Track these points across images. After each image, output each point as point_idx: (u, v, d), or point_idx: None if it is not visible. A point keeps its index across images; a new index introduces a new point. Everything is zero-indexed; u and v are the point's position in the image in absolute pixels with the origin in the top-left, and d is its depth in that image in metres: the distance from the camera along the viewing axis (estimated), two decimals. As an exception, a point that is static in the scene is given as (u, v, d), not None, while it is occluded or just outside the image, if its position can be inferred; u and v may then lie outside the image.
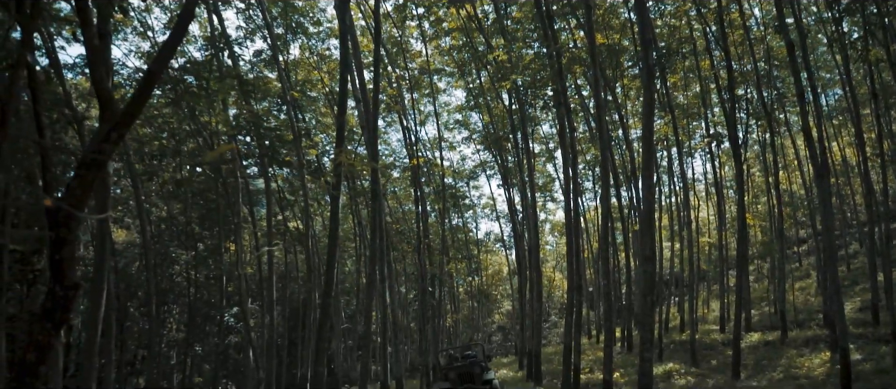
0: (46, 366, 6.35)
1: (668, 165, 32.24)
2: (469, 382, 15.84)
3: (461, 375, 15.98)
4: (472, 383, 15.84)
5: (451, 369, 16.41)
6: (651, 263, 9.14)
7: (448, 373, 16.32)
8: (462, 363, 17.02)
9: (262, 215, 36.12)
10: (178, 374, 34.46)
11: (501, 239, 45.01)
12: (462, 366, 16.41)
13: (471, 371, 16.10)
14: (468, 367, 16.28)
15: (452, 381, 15.95)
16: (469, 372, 16.08)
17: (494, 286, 57.87)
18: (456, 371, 16.19)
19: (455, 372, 16.12)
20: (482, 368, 16.36)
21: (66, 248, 6.57)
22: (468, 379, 15.92)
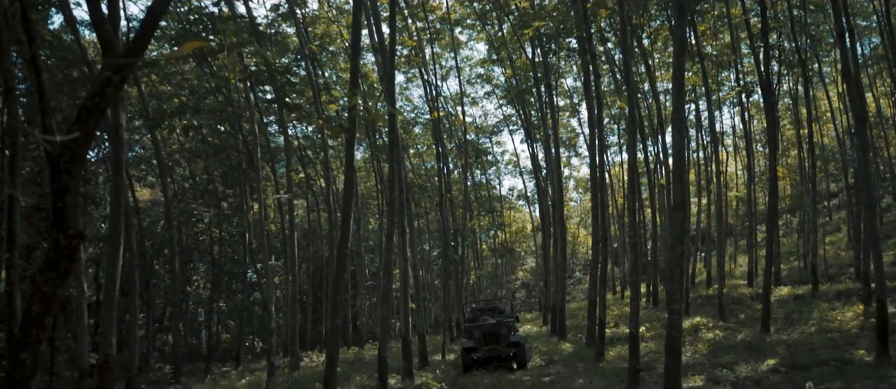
0: (53, 317, 6.17)
1: (696, 118, 31.38)
2: (494, 343, 14.93)
3: (486, 335, 15.06)
4: (498, 344, 14.92)
5: (475, 326, 15.49)
6: (681, 211, 8.70)
7: (472, 331, 15.39)
8: (488, 320, 15.96)
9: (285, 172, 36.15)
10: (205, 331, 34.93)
11: (525, 195, 44.56)
12: (488, 325, 15.43)
13: (497, 330, 15.16)
14: (494, 327, 15.31)
15: (476, 340, 15.07)
16: (494, 332, 15.13)
17: (518, 243, 57.65)
18: (481, 329, 15.25)
19: (480, 331, 15.19)
20: (509, 328, 15.37)
21: (69, 195, 6.33)
22: (493, 340, 14.99)
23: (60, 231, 6.29)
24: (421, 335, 16.30)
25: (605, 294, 15.53)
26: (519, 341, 15.16)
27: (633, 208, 11.98)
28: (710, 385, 10.89)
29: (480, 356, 14.82)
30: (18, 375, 6.02)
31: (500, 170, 47.63)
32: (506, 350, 14.91)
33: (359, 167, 37.34)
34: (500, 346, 14.86)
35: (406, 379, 13.81)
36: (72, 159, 6.40)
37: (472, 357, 14.88)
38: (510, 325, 15.59)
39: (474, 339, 15.11)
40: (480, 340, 14.95)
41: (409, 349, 14.04)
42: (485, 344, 14.89)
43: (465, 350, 15.14)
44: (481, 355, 14.79)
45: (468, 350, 15.05)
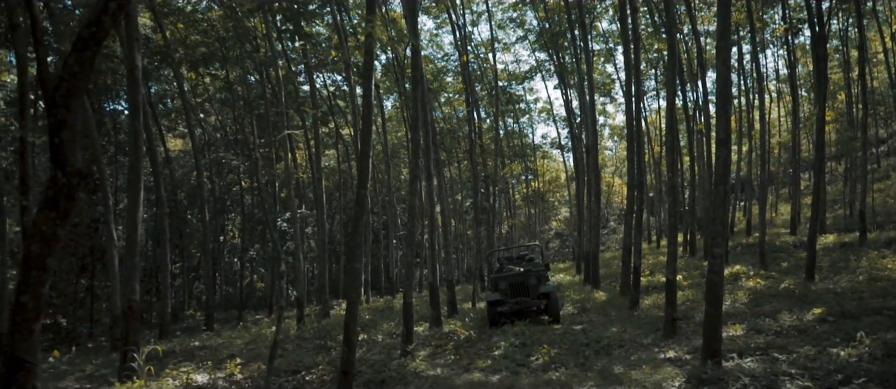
0: (54, 258, 5.89)
1: (738, 62, 30.04)
2: (523, 295, 13.52)
3: (513, 286, 13.56)
4: (527, 296, 13.50)
5: (502, 277, 13.87)
6: (726, 147, 8.03)
7: (498, 282, 13.81)
8: (516, 270, 14.29)
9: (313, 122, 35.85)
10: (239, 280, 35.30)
11: (559, 144, 43.59)
12: (516, 275, 13.79)
13: (525, 281, 13.58)
14: (523, 277, 13.66)
15: (503, 292, 13.60)
16: (523, 283, 13.58)
17: (551, 192, 56.95)
18: (508, 280, 13.67)
19: (506, 282, 13.64)
20: (539, 278, 13.73)
21: (66, 130, 5.98)
22: (521, 291, 13.53)
23: (58, 168, 5.95)
24: (449, 283, 15.96)
25: (641, 242, 14.89)
26: (550, 292, 13.59)
27: (672, 145, 11.28)
28: (752, 334, 10.34)
29: (508, 309, 13.44)
30: (20, 318, 5.77)
31: (533, 118, 46.66)
32: (536, 302, 13.48)
33: (389, 116, 36.89)
34: (530, 298, 13.47)
35: (434, 327, 13.52)
36: (68, 92, 6.03)
37: (499, 311, 13.51)
38: (541, 275, 13.89)
39: (501, 291, 13.68)
40: (507, 292, 13.55)
41: (436, 296, 13.68)
42: (512, 296, 13.51)
43: (491, 302, 13.67)
44: (508, 308, 13.43)
45: (494, 303, 13.62)
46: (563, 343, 11.03)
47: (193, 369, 10.87)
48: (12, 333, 5.77)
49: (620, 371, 8.97)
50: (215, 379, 10.17)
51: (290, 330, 15.28)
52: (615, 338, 11.22)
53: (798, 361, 8.02)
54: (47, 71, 6.37)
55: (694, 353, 9.50)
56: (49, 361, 13.81)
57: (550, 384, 8.51)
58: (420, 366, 9.96)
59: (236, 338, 15.11)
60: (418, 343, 12.12)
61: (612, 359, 9.81)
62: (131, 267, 11.08)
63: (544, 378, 8.90)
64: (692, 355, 9.46)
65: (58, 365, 13.32)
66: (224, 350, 13.17)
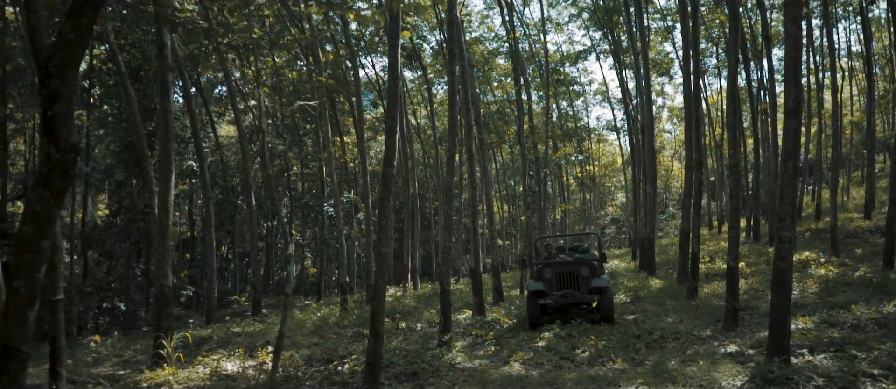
0: (49, 240, 5.50)
1: (807, 38, 28.19)
2: (571, 287, 11.61)
3: (561, 277, 11.68)
4: (575, 288, 11.60)
5: (547, 266, 11.90)
6: (795, 118, 7.10)
7: (543, 271, 11.83)
8: (564, 259, 12.56)
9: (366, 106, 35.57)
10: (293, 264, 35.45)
11: (614, 126, 42.14)
12: (563, 264, 11.90)
13: (575, 272, 11.64)
14: (572, 266, 11.73)
15: (547, 283, 11.70)
16: (572, 274, 11.65)
17: (608, 177, 55.48)
18: (555, 269, 11.76)
19: (553, 271, 11.72)
20: (592, 269, 11.71)
21: (60, 103, 5.54)
22: (569, 283, 11.62)
23: (52, 143, 5.49)
24: (495, 270, 15.28)
25: (699, 227, 13.86)
26: (604, 286, 11.55)
27: (734, 121, 10.26)
28: (824, 327, 9.34)
29: (552, 303, 11.62)
30: (13, 304, 5.39)
31: (588, 101, 45.30)
32: (586, 297, 11.61)
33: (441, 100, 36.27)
34: (579, 291, 11.58)
35: (477, 315, 12.89)
36: (63, 61, 5.57)
37: (541, 304, 11.64)
38: (594, 265, 11.86)
39: (545, 281, 11.71)
40: (553, 283, 11.65)
41: (479, 283, 12.99)
42: (558, 289, 11.63)
43: (533, 294, 11.69)
44: (553, 302, 11.58)
45: (536, 295, 11.67)
46: (613, 334, 10.24)
47: (225, 356, 10.54)
48: (5, 320, 5.41)
49: (675, 366, 8.16)
50: (245, 368, 9.80)
51: (330, 317, 14.89)
52: (670, 330, 10.36)
53: (880, 359, 7.07)
54: (40, 39, 5.96)
55: (758, 348, 8.60)
56: (90, 346, 13.79)
57: (596, 380, 7.77)
58: (456, 357, 9.35)
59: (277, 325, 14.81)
60: (458, 333, 11.51)
61: (666, 353, 8.98)
62: (163, 252, 10.81)
63: (589, 373, 8.16)
64: (756, 350, 8.57)
65: (99, 350, 13.26)
66: (262, 336, 12.86)
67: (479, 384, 7.92)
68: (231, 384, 9.08)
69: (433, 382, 8.23)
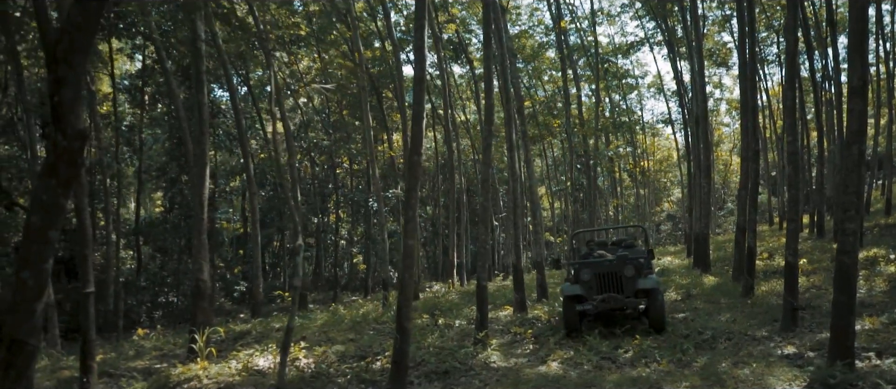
0: (57, 231, 5.34)
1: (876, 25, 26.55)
2: (613, 290, 10.07)
3: (601, 278, 10.15)
4: (619, 291, 10.06)
5: (586, 265, 10.45)
6: (861, 98, 6.43)
7: (581, 271, 10.33)
8: (605, 257, 11.06)
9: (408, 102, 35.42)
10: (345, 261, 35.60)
11: (669, 119, 40.75)
12: (605, 263, 10.45)
13: (618, 271, 10.11)
14: (615, 266, 10.24)
15: (586, 285, 10.18)
16: (615, 274, 10.12)
17: (663, 172, 53.96)
18: (594, 269, 10.25)
19: (592, 272, 10.19)
20: (638, 268, 10.20)
21: (67, 89, 5.37)
22: (611, 285, 10.09)
23: (58, 131, 5.31)
24: (538, 266, 14.73)
25: (755, 220, 13.03)
26: (653, 288, 9.96)
27: (792, 104, 9.47)
28: (894, 329, 8.56)
29: (591, 309, 10.07)
30: (20, 297, 5.24)
31: (642, 93, 43.99)
32: (631, 301, 9.96)
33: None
34: (623, 294, 10.03)
35: (518, 312, 12.43)
36: (70, 46, 5.38)
37: (579, 310, 10.13)
38: (640, 264, 10.37)
39: (583, 284, 10.23)
40: (592, 285, 10.16)
41: (520, 279, 12.51)
42: (598, 291, 10.12)
43: (569, 298, 10.16)
44: (592, 307, 10.02)
45: (572, 300, 10.15)
46: (659, 334, 9.65)
47: (259, 351, 10.38)
48: (12, 312, 5.27)
49: (725, 368, 7.57)
50: (276, 364, 9.60)
51: (371, 313, 14.64)
52: (722, 329, 9.71)
53: (958, 365, 6.35)
54: (48, 23, 5.82)
55: (818, 350, 7.92)
56: (132, 339, 13.90)
57: (637, 382, 7.26)
58: (491, 356, 8.94)
59: (318, 320, 14.66)
60: (496, 330, 11.09)
61: (717, 354, 8.37)
62: (198, 246, 10.74)
63: (631, 374, 7.65)
64: (816, 352, 7.89)
65: (142, 343, 13.35)
66: (300, 331, 12.68)
67: (513, 384, 7.50)
68: (260, 379, 8.90)
69: (464, 381, 7.85)
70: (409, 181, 7.10)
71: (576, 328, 10.11)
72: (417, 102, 7.12)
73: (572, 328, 10.08)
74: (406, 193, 7.15)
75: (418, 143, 7.15)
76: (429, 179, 41.06)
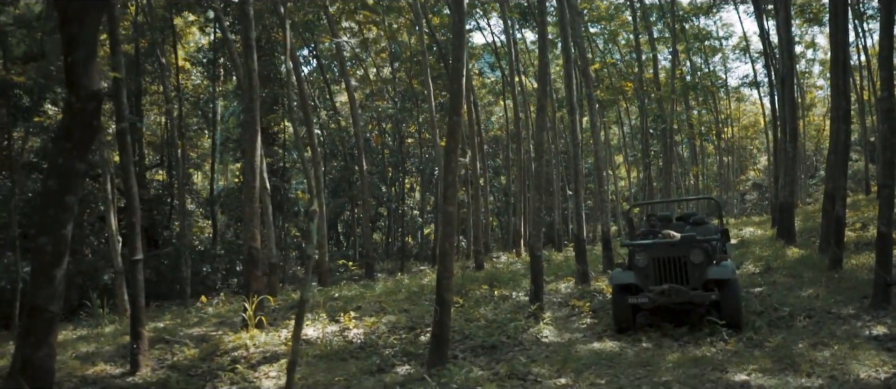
0: (75, 196, 5.19)
1: None
2: (676, 279, 8.19)
3: (661, 263, 8.30)
4: (682, 281, 8.15)
5: (643, 247, 8.54)
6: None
7: (635, 255, 8.54)
8: (668, 236, 8.94)
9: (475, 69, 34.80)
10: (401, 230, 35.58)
11: (754, 82, 38.41)
12: (666, 246, 8.45)
13: (683, 256, 8.21)
14: (677, 250, 8.30)
15: (641, 273, 8.35)
16: (678, 260, 8.23)
17: (749, 139, 51.25)
18: (651, 254, 8.38)
19: (649, 256, 8.36)
20: (709, 251, 8.31)
21: (81, 49, 5.17)
22: (674, 274, 8.23)
23: (72, 92, 5.15)
24: (605, 236, 13.99)
25: (845, 186, 11.85)
26: (727, 277, 7.96)
27: (888, 57, 8.35)
28: None
29: (646, 302, 8.11)
30: (38, 263, 5.13)
31: (726, 56, 41.63)
32: (699, 294, 8.01)
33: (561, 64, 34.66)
34: (688, 285, 8.11)
35: (580, 284, 11.83)
36: (82, 4, 5.21)
37: (632, 304, 8.21)
38: (711, 246, 8.52)
39: (638, 271, 8.40)
40: (649, 273, 8.31)
41: (582, 249, 11.87)
42: (657, 281, 8.25)
43: (619, 289, 8.39)
44: (647, 301, 8.08)
45: (623, 290, 8.36)
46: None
47: (311, 320, 10.25)
48: (32, 279, 5.17)
49: (802, 350, 6.82)
50: (325, 333, 9.44)
51: (430, 284, 14.33)
52: (802, 306, 8.84)
53: None
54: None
55: (913, 331, 7.03)
56: (196, 306, 14.14)
57: (699, 363, 6.63)
58: (543, 330, 8.45)
59: (377, 289, 14.51)
60: (555, 303, 10.58)
61: (793, 334, 7.59)
62: (250, 213, 10.64)
63: (694, 353, 7.01)
64: (910, 333, 7.01)
65: (206, 310, 13.54)
66: (356, 301, 12.53)
67: (561, 361, 7.00)
68: (306, 348, 8.74)
69: (510, 356, 7.41)
70: (449, 144, 6.64)
71: (627, 325, 8.40)
72: (456, 59, 6.62)
73: (623, 326, 8.39)
74: (445, 156, 6.70)
75: (458, 102, 6.66)
76: (502, 148, 40.40)
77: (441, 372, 6.48)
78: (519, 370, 6.59)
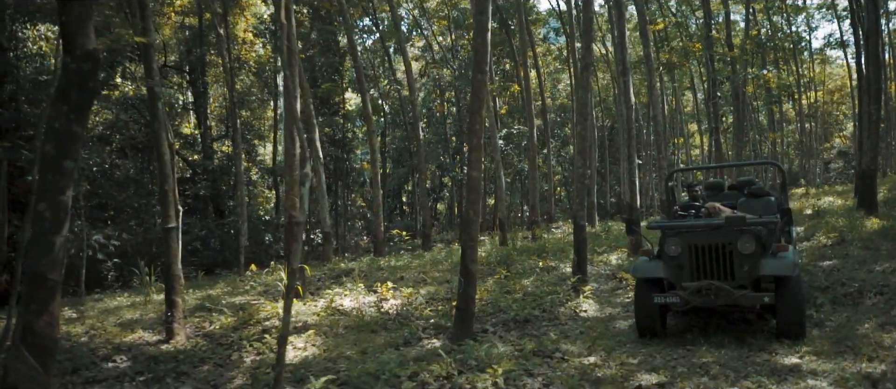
0: (73, 161, 5.05)
1: None
2: (718, 274, 6.34)
3: (698, 252, 6.42)
4: (726, 277, 6.31)
5: (678, 230, 6.64)
6: None
7: (667, 241, 6.61)
8: (715, 216, 7.00)
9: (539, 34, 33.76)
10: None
11: (841, 43, 35.86)
12: (706, 231, 6.49)
13: (728, 244, 6.32)
14: (721, 235, 6.38)
15: (672, 265, 6.52)
16: (720, 248, 6.34)
17: (835, 104, 48.18)
18: (687, 240, 6.48)
19: (683, 243, 6.47)
20: (763, 238, 6.51)
21: (75, 6, 5.00)
22: (716, 265, 6.35)
23: (67, 52, 5.01)
24: (664, 205, 13.21)
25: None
26: (786, 274, 6.12)
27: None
28: None
29: (678, 302, 6.39)
30: (38, 230, 5.03)
31: (811, 15, 39.02)
32: (747, 295, 6.18)
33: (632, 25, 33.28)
34: (734, 281, 6.28)
35: (633, 255, 11.21)
36: (77, -42, 5.04)
37: (659, 304, 6.50)
38: (766, 232, 6.70)
39: (668, 261, 6.57)
40: (683, 264, 6.46)
41: (633, 219, 11.20)
42: (694, 276, 6.42)
43: (644, 284, 6.68)
44: (680, 301, 6.37)
45: (649, 286, 6.65)
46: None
47: (347, 290, 10.08)
48: (32, 246, 5.08)
49: (867, 331, 6.12)
50: (361, 304, 9.24)
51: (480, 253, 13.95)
52: (875, 282, 7.99)
53: None
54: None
55: None
56: (246, 274, 14.27)
57: (745, 343, 6.02)
58: (582, 304, 7.96)
59: (426, 259, 14.27)
60: (602, 275, 10.04)
61: (860, 313, 6.85)
62: (291, 182, 10.48)
63: (740, 331, 6.38)
64: None
65: (255, 279, 13.64)
66: (401, 271, 12.32)
67: (594, 338, 6.52)
68: (339, 319, 8.56)
69: (543, 332, 6.98)
70: (473, 103, 6.20)
71: (653, 329, 6.62)
72: (479, 12, 6.14)
73: (647, 330, 6.63)
74: (470, 116, 6.27)
75: (482, 59, 6.19)
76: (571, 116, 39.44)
77: (463, 347, 6.13)
78: (546, 346, 6.17)
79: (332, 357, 6.87)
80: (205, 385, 6.34)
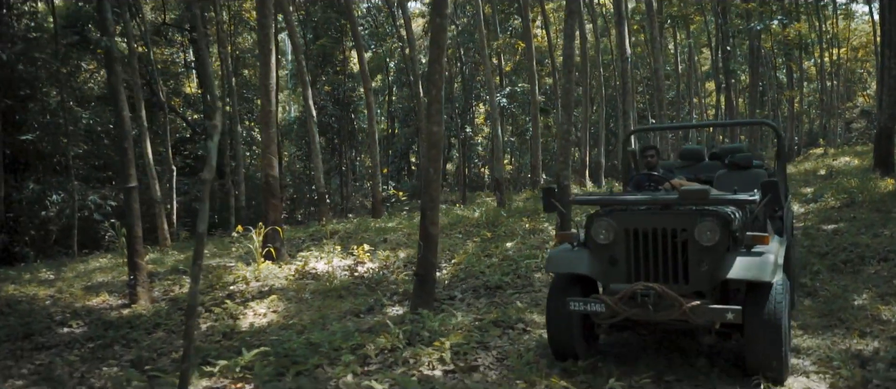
0: None
1: None
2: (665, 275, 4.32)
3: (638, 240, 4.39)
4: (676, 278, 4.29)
5: (610, 210, 4.62)
6: None
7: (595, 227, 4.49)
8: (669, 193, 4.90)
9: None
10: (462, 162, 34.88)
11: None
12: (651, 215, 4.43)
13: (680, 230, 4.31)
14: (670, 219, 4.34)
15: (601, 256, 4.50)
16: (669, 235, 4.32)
17: (860, 62, 46.52)
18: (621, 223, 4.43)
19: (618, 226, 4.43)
20: (732, 227, 4.25)
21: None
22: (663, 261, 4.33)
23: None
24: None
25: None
26: (763, 278, 4.08)
27: None
28: None
29: (605, 312, 4.36)
30: None
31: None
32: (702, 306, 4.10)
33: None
34: (687, 286, 4.27)
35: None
36: None
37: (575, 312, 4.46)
38: (736, 216, 4.49)
39: (596, 251, 4.54)
40: (618, 257, 4.46)
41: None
42: (632, 274, 4.44)
43: (560, 282, 4.78)
44: (607, 311, 4.34)
45: (569, 285, 4.74)
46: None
47: (324, 253, 9.67)
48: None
49: (863, 302, 5.57)
50: (335, 267, 8.82)
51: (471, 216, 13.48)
52: (880, 247, 7.41)
53: None
54: None
55: None
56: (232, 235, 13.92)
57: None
58: (561, 269, 7.44)
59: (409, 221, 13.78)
60: (591, 238, 9.47)
61: (860, 281, 6.30)
62: (267, 140, 10.05)
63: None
64: None
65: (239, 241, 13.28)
66: (385, 233, 11.87)
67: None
68: (307, 283, 8.16)
69: (510, 299, 6.50)
70: (433, 52, 5.64)
71: (569, 349, 4.69)
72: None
73: (562, 346, 4.70)
74: (429, 66, 5.72)
75: (441, 3, 5.62)
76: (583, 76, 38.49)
77: (417, 317, 5.67)
78: (510, 316, 5.69)
79: (289, 325, 6.47)
80: (149, 352, 5.97)
